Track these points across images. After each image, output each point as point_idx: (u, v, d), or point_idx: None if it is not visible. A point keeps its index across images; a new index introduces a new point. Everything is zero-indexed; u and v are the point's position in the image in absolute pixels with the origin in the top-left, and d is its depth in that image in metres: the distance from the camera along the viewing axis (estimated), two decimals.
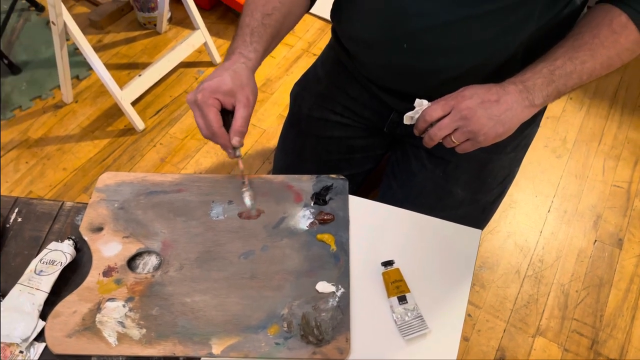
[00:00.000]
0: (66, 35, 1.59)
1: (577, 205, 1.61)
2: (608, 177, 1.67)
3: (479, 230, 0.83)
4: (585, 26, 0.80)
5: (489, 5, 0.78)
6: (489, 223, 1.10)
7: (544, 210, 1.59)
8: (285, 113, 1.84)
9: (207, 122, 0.76)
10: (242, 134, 0.77)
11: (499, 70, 0.87)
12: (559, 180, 1.66)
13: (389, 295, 0.75)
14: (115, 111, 1.81)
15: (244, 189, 0.84)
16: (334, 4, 1.01)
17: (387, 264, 0.77)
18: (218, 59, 1.98)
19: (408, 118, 0.82)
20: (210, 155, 1.71)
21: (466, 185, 1.02)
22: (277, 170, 1.20)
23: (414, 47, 0.85)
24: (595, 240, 1.53)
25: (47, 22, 2.10)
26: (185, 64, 1.96)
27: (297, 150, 1.14)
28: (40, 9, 2.14)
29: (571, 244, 1.52)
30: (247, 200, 0.84)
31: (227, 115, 0.79)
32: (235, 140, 0.77)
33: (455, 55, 0.85)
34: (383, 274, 0.76)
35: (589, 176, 1.67)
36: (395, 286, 0.74)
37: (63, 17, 1.51)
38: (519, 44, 0.84)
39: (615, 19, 0.79)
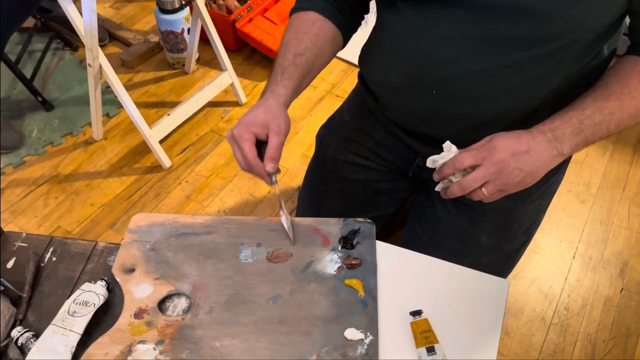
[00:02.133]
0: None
1: (603, 251, 1.58)
2: (634, 223, 1.65)
3: (507, 281, 0.83)
4: (614, 76, 0.81)
5: (518, 56, 0.79)
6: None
7: (569, 257, 1.57)
8: (308, 153, 1.87)
9: (243, 154, 0.81)
10: (275, 160, 0.82)
11: (527, 118, 0.87)
12: (583, 225, 1.65)
13: (418, 345, 0.74)
14: (143, 148, 1.85)
15: (281, 212, 0.87)
16: (362, 50, 1.03)
17: (416, 313, 0.77)
18: (244, 99, 2.02)
19: (431, 161, 0.82)
20: (234, 193, 1.73)
21: (491, 233, 1.02)
22: (301, 210, 1.21)
23: (441, 94, 0.86)
24: (622, 289, 1.50)
25: (81, 61, 2.18)
26: (211, 104, 2.01)
27: (321, 191, 1.15)
28: (74, 48, 2.23)
29: (597, 292, 1.49)
30: (285, 223, 0.86)
31: (263, 146, 0.83)
32: (269, 167, 0.81)
33: (483, 103, 0.86)
34: (412, 323, 0.76)
35: (614, 222, 1.65)
36: (424, 336, 0.74)
37: (99, 60, 1.57)
38: (547, 93, 0.85)
39: None
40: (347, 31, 0.97)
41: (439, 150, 0.95)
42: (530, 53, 0.78)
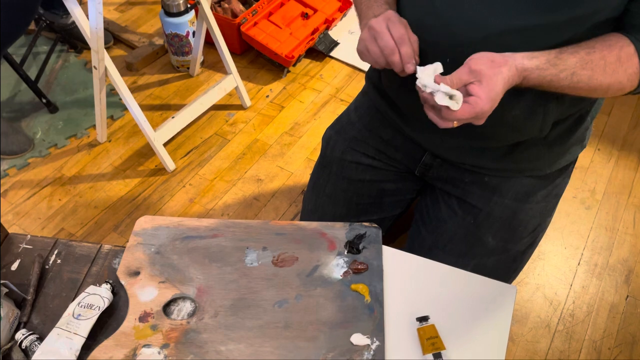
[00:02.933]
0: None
1: (608, 258, 1.57)
2: (639, 230, 1.64)
3: (515, 287, 0.82)
4: (602, 43, 0.80)
5: (547, 18, 0.78)
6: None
7: (574, 263, 1.56)
8: (312, 157, 1.87)
9: (400, 33, 0.79)
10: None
11: (538, 97, 0.87)
12: (588, 232, 1.64)
13: (424, 352, 0.74)
14: (147, 151, 1.85)
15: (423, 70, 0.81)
16: None
17: (423, 319, 0.76)
18: (248, 102, 2.02)
19: (420, 87, 0.78)
20: (238, 197, 1.73)
21: (497, 234, 1.01)
22: (306, 211, 1.21)
23: (457, 62, 0.83)
24: (628, 296, 1.49)
25: (85, 64, 2.18)
26: (216, 107, 2.01)
27: (327, 192, 1.15)
28: (79, 50, 2.23)
29: (603, 299, 1.48)
30: (444, 88, 0.77)
31: None
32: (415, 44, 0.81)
33: None
34: (418, 329, 0.76)
35: (619, 229, 1.65)
36: (431, 343, 0.74)
37: (105, 62, 1.57)
38: None
39: (625, 48, 0.78)
40: None
41: (445, 139, 0.93)
42: (556, 18, 0.77)
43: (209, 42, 2.02)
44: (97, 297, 0.76)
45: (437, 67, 0.77)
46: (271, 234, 0.88)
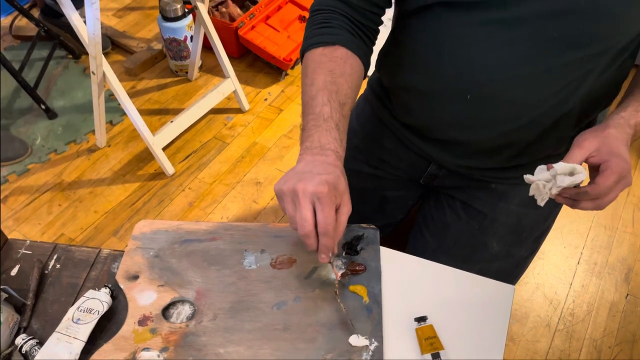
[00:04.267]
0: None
1: (608, 257, 1.58)
2: (638, 229, 1.64)
3: (513, 287, 0.82)
4: None
5: (566, 57, 0.78)
6: None
7: (574, 262, 1.57)
8: None
9: (326, 217, 0.69)
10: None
11: (555, 124, 0.87)
12: (587, 231, 1.64)
13: (423, 352, 0.74)
14: (146, 155, 1.86)
15: (338, 300, 0.79)
16: (380, 53, 1.00)
17: (421, 319, 0.76)
18: (247, 105, 2.03)
19: (538, 188, 0.72)
20: (238, 200, 1.73)
21: (501, 239, 1.01)
22: None
23: (476, 99, 0.84)
24: (628, 294, 1.49)
25: (84, 70, 2.19)
26: (214, 111, 2.02)
27: None
28: (78, 56, 2.24)
29: (602, 298, 1.49)
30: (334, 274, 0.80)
31: None
32: (336, 249, 0.75)
33: (519, 108, 0.84)
34: (417, 330, 0.76)
35: (618, 227, 1.65)
36: (429, 343, 0.74)
37: (103, 68, 1.58)
38: (578, 99, 0.84)
39: None
40: (367, 63, 0.89)
41: (456, 154, 0.93)
42: (577, 55, 0.78)
43: (207, 46, 2.02)
44: (97, 301, 0.77)
45: (541, 167, 0.72)
46: (269, 236, 0.88)
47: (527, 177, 0.72)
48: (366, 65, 0.89)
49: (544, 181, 0.71)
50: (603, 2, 0.72)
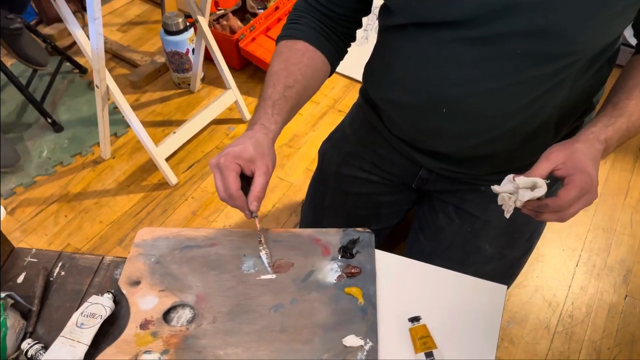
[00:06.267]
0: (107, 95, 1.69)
1: (606, 259, 1.59)
2: (636, 230, 1.65)
3: (504, 286, 0.84)
4: None
5: (530, 73, 0.81)
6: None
7: (572, 264, 1.58)
8: (312, 167, 1.90)
9: (225, 184, 0.80)
10: (260, 199, 0.82)
11: (534, 133, 0.90)
12: (586, 233, 1.65)
13: (416, 351, 0.76)
14: (150, 166, 1.89)
15: (260, 248, 0.88)
16: (366, 67, 1.04)
17: (414, 319, 0.78)
18: (248, 116, 2.06)
19: (504, 199, 0.74)
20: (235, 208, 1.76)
21: (494, 241, 1.03)
22: (304, 224, 1.23)
23: (453, 112, 0.88)
24: (626, 296, 1.50)
25: (89, 84, 2.23)
26: (216, 121, 2.05)
27: (325, 206, 1.17)
28: (84, 71, 2.28)
29: (601, 299, 1.50)
30: (264, 259, 0.87)
31: (244, 180, 0.83)
32: (253, 206, 0.81)
33: (494, 120, 0.87)
34: (410, 329, 0.78)
35: (616, 230, 1.66)
36: (423, 342, 0.76)
37: (106, 81, 1.62)
38: (553, 108, 0.87)
39: None
40: (335, 61, 0.97)
41: (444, 162, 0.95)
42: (542, 70, 0.80)
43: (209, 59, 2.06)
44: (100, 306, 0.79)
45: (508, 178, 0.74)
46: (268, 241, 0.91)
47: (494, 188, 0.75)
48: (332, 62, 0.96)
49: (508, 193, 0.73)
50: (558, 25, 0.74)
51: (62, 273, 0.88)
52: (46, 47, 2.18)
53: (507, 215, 0.74)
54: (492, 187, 0.75)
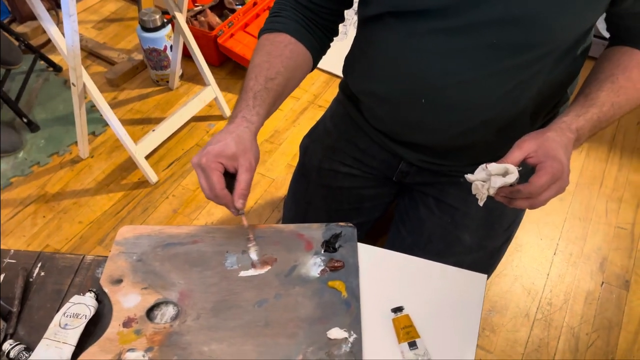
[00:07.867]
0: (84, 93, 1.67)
1: (583, 247, 1.62)
2: (611, 219, 1.69)
3: (484, 275, 0.86)
4: (616, 68, 0.83)
5: (505, 64, 0.82)
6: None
7: (550, 253, 1.61)
8: (293, 163, 1.90)
9: (210, 184, 0.80)
10: (245, 196, 0.81)
11: (511, 123, 0.91)
12: (563, 223, 1.69)
13: (400, 341, 0.77)
14: (129, 165, 1.87)
15: (250, 245, 0.88)
16: (346, 60, 1.05)
17: (397, 310, 0.79)
18: (228, 112, 2.05)
19: (477, 188, 0.75)
20: (221, 206, 1.75)
21: (474, 232, 1.04)
22: (287, 219, 1.23)
23: (431, 103, 0.89)
24: (603, 282, 1.54)
25: (65, 82, 2.20)
26: (196, 118, 2.04)
27: (307, 200, 1.18)
28: (58, 69, 2.25)
29: (579, 287, 1.53)
30: (254, 256, 0.87)
31: (228, 177, 0.83)
32: (239, 203, 0.81)
33: (472, 110, 0.89)
34: (393, 320, 0.79)
35: (592, 219, 1.70)
36: (406, 332, 0.77)
37: (83, 79, 1.59)
38: (528, 99, 0.88)
39: None
40: (317, 53, 0.97)
41: (424, 154, 0.96)
42: (518, 60, 0.81)
43: (187, 55, 2.05)
44: (83, 305, 0.79)
45: (481, 167, 0.74)
46: (245, 242, 0.91)
47: (467, 177, 0.75)
48: (315, 55, 0.96)
49: (481, 181, 0.74)
50: (534, 12, 0.76)
51: (42, 273, 0.87)
52: (19, 46, 2.14)
53: (481, 204, 0.75)
54: (465, 175, 0.76)
